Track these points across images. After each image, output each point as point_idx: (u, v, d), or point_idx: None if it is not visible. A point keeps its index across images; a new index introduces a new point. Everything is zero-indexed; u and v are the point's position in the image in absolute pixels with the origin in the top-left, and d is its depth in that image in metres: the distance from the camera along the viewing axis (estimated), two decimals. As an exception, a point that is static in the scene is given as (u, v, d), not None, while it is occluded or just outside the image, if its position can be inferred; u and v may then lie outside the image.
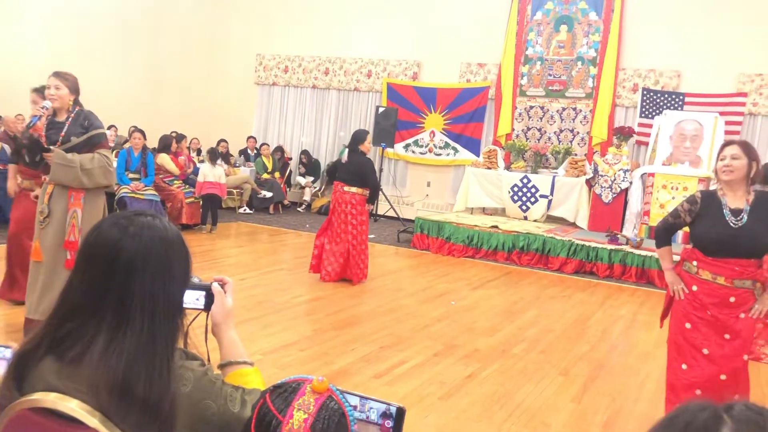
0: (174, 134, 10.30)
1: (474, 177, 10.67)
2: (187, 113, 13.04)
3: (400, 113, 11.74)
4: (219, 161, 9.91)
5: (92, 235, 1.31)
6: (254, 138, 12.90)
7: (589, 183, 9.94)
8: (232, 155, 12.31)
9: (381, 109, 11.73)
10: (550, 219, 10.17)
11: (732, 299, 3.44)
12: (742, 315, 3.45)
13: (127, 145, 9.10)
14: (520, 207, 10.28)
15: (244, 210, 11.48)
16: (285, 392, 1.18)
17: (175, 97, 13.46)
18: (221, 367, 1.53)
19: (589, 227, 9.67)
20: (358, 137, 6.95)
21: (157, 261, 1.29)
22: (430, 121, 11.84)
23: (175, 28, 13.58)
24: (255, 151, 12.54)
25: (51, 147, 4.19)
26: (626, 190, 9.55)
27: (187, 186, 9.59)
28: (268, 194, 11.58)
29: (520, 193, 10.28)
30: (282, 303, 5.95)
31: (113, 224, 1.31)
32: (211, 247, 8.61)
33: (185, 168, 9.81)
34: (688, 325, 3.55)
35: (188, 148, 11.14)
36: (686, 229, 3.67)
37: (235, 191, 11.42)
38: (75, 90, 4.36)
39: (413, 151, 12.02)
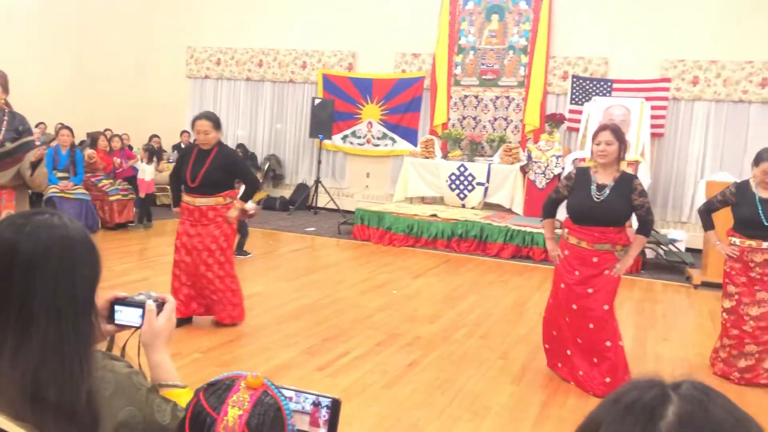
0: (108, 132, 10.00)
1: (412, 167, 10.74)
2: (117, 109, 12.64)
3: (336, 104, 11.69)
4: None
5: None
6: (188, 132, 12.60)
7: (524, 170, 10.15)
8: (165, 150, 12.02)
9: (317, 101, 11.66)
10: (487, 206, 10.34)
11: (595, 259, 4.06)
12: (606, 272, 4.05)
13: (54, 143, 8.77)
14: (457, 195, 10.42)
15: (178, 205, 11.23)
16: (219, 390, 1.16)
17: (105, 93, 13.01)
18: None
19: (525, 213, 9.88)
20: None
21: (58, 260, 1.23)
22: (367, 111, 11.84)
23: (102, 21, 13.12)
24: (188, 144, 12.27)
25: None
26: (559, 175, 9.79)
27: (118, 183, 9.32)
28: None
29: (457, 182, 10.41)
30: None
31: (8, 225, 1.24)
32: (146, 245, 8.40)
33: (120, 165, 9.51)
34: (562, 285, 4.19)
35: (129, 145, 10.82)
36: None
37: (168, 187, 11.15)
38: (6, 88, 4.19)
39: (351, 143, 12.01)
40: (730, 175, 8.37)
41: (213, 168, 4.92)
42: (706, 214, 4.75)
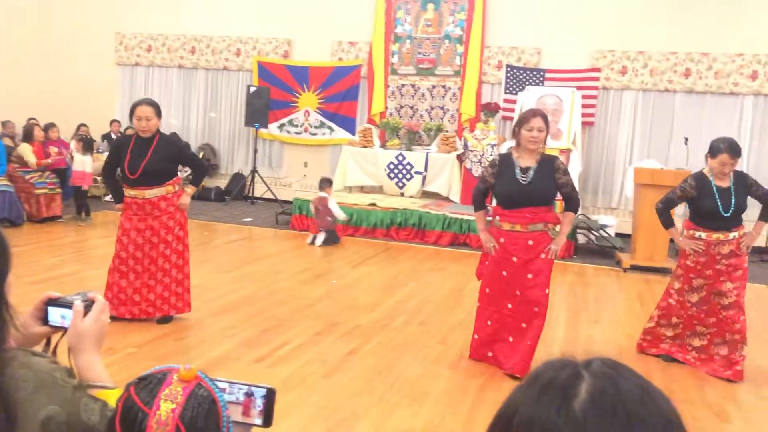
0: (34, 121, 9.58)
1: (351, 156, 10.71)
2: (42, 96, 12.11)
3: (272, 92, 11.54)
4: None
5: None
6: (118, 122, 12.23)
7: (460, 158, 10.27)
8: (94, 140, 11.60)
9: (252, 89, 11.47)
10: (425, 194, 10.42)
11: (530, 242, 4.11)
12: (543, 256, 4.12)
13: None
14: (396, 184, 10.46)
15: (110, 198, 10.89)
16: (150, 384, 1.13)
17: (28, 80, 12.45)
18: None
19: (462, 201, 10.00)
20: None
21: None
22: (303, 100, 11.73)
23: (25, 3, 12.53)
24: (119, 135, 11.89)
25: None
26: (495, 163, 9.96)
27: (46, 176, 8.94)
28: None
29: (396, 171, 10.45)
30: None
31: None
32: (76, 238, 8.11)
33: (56, 157, 9.11)
34: (504, 273, 4.20)
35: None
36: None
37: (99, 179, 10.79)
38: None
39: (288, 131, 11.88)
40: (656, 162, 8.69)
41: (156, 159, 4.70)
42: (666, 211, 4.64)
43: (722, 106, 9.88)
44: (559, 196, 4.27)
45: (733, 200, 4.39)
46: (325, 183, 8.78)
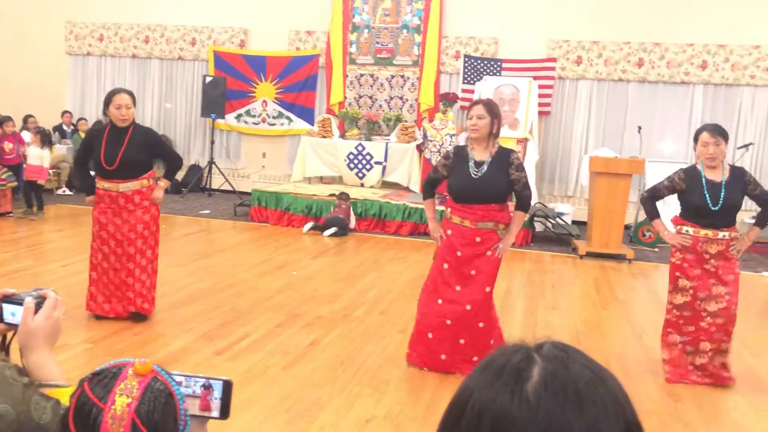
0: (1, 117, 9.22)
1: (310, 146, 10.65)
2: (-12, 87, 11.74)
3: (229, 82, 11.38)
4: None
5: None
6: (70, 113, 11.91)
7: (420, 148, 10.30)
8: (52, 133, 11.27)
9: (208, 79, 11.30)
10: (385, 185, 10.44)
11: (478, 239, 3.99)
12: (489, 253, 4.00)
13: None
14: (356, 174, 10.45)
15: (63, 191, 10.63)
16: (105, 378, 1.11)
17: (-28, 70, 12.05)
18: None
19: (422, 191, 10.04)
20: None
21: None
22: (261, 90, 11.60)
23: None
24: (72, 127, 11.59)
25: None
26: (454, 153, 10.02)
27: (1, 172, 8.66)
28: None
29: (355, 161, 10.44)
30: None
31: None
32: (27, 233, 7.90)
33: (13, 151, 8.81)
34: (445, 266, 4.09)
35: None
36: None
37: (51, 171, 10.50)
38: None
39: (246, 122, 11.74)
40: (611, 150, 8.87)
41: (132, 148, 4.57)
42: (651, 202, 4.33)
43: (674, 96, 10.12)
44: None
45: (722, 194, 4.03)
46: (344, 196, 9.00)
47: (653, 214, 4.37)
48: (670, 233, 4.23)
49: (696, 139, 4.17)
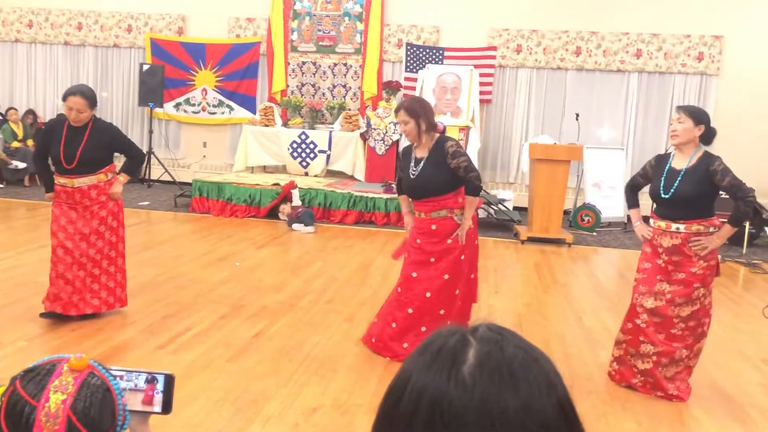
0: None
1: (252, 135, 10.52)
2: None
3: (167, 70, 11.11)
4: None
5: None
6: (15, 110, 11.39)
7: (364, 136, 10.30)
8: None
9: (145, 67, 11.01)
10: (330, 173, 10.40)
11: (433, 227, 4.08)
12: (449, 241, 4.08)
13: None
14: (300, 163, 10.37)
15: (-5, 184, 10.22)
16: (38, 376, 1.08)
17: None
18: None
19: (366, 179, 10.06)
20: None
21: None
22: (200, 78, 11.37)
23: None
24: (0, 118, 11.12)
25: None
26: (397, 141, 10.06)
27: None
28: (21, 165, 10.39)
29: (299, 150, 10.36)
30: (46, 282, 5.42)
31: None
32: (-46, 228, 7.55)
33: None
34: (405, 255, 4.26)
35: None
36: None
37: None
38: None
39: (185, 111, 11.49)
40: (550, 137, 9.05)
41: (91, 146, 4.39)
42: (630, 190, 4.14)
43: (610, 83, 10.40)
44: None
45: (677, 182, 3.67)
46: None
47: (630, 203, 4.16)
48: (637, 225, 3.98)
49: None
